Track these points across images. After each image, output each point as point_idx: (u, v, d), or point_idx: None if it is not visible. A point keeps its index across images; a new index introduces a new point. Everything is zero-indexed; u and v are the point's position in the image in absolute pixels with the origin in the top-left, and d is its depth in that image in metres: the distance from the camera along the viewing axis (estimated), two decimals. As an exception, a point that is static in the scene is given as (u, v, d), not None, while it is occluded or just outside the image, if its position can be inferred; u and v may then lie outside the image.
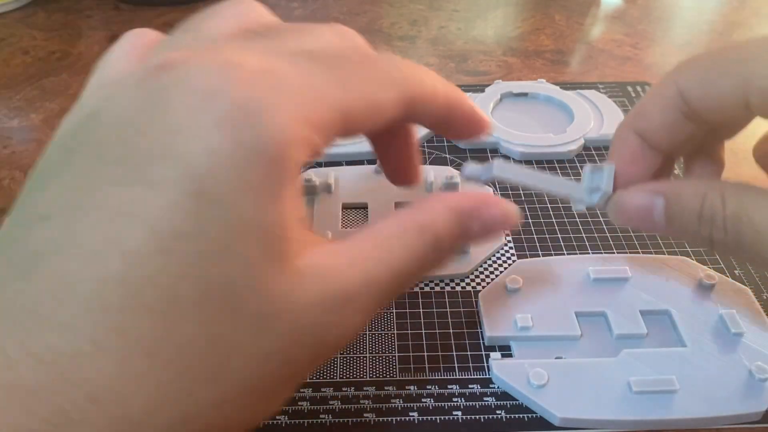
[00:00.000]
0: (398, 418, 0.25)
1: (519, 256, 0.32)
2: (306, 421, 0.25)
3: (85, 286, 0.12)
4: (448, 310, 0.29)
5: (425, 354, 0.27)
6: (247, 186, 0.14)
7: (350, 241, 0.17)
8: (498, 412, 0.25)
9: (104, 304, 0.12)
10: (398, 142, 0.24)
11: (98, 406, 0.12)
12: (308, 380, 0.26)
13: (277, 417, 0.25)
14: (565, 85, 0.44)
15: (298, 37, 0.18)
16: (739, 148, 0.41)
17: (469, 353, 0.27)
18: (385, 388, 0.26)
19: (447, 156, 0.39)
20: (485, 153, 0.39)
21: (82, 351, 0.12)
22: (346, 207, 0.34)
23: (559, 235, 0.33)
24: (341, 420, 0.25)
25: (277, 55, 0.16)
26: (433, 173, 0.35)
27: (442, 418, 0.25)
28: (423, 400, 0.25)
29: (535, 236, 0.33)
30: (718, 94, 0.20)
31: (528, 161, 0.38)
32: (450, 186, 0.34)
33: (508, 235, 0.33)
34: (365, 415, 0.25)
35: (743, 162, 0.40)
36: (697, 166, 0.24)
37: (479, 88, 0.44)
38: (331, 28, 0.20)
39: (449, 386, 0.26)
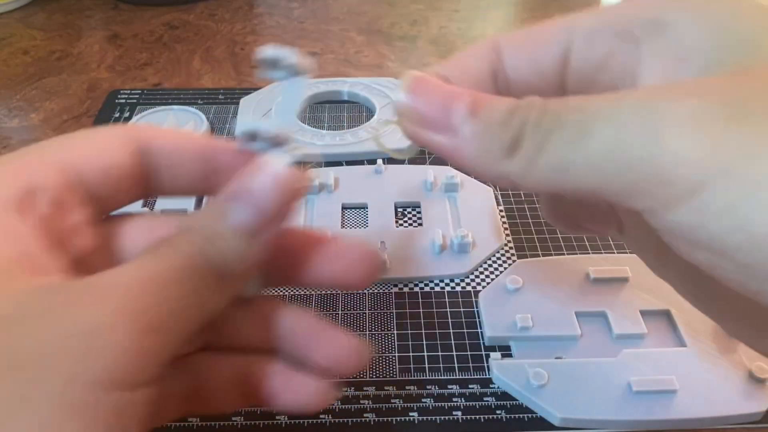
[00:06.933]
0: (398, 418, 0.25)
1: (519, 256, 0.32)
2: (306, 421, 0.25)
3: None
4: (448, 310, 0.29)
5: (425, 354, 0.27)
6: None
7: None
8: (498, 412, 0.25)
9: None
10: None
11: None
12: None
13: (277, 417, 0.25)
14: (565, 85, 0.44)
15: None
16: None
17: (469, 353, 0.27)
18: (385, 388, 0.26)
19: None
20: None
21: None
22: (346, 207, 0.34)
23: (559, 235, 0.33)
24: (341, 420, 0.25)
25: None
26: (432, 173, 0.35)
27: (442, 418, 0.25)
28: (423, 400, 0.25)
29: (535, 236, 0.33)
30: (536, 49, 0.19)
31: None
32: (451, 187, 0.34)
33: (508, 235, 0.33)
34: (365, 415, 0.25)
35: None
36: None
37: (479, 88, 0.44)
38: None
39: (449, 386, 0.26)
